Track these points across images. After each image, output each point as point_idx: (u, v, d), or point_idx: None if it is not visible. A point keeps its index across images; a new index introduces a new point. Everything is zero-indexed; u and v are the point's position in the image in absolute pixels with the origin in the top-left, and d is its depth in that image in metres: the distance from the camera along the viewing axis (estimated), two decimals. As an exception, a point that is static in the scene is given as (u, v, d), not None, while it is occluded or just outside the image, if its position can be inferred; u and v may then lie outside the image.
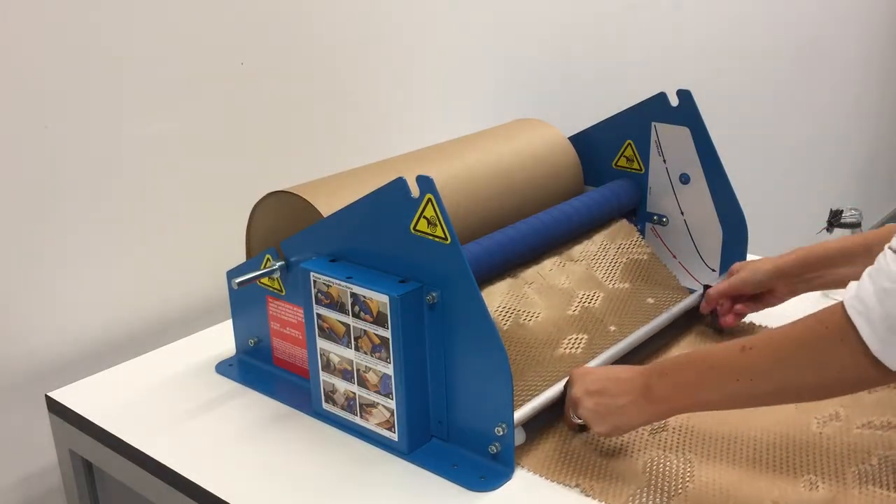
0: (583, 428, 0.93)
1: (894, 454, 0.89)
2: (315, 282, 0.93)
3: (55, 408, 1.05)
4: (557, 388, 0.94)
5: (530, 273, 1.09)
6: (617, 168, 1.26)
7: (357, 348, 0.92)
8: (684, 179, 1.20)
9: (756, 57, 2.52)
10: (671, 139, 1.20)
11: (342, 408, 0.97)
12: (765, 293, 1.10)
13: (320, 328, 0.95)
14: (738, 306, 1.12)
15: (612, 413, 0.86)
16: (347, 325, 0.92)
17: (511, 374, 0.85)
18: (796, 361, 0.76)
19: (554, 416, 0.95)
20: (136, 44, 1.14)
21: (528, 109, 1.68)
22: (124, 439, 0.97)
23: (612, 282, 1.15)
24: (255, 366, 1.10)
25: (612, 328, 1.08)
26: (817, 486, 0.85)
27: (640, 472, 0.88)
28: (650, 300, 1.15)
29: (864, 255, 0.95)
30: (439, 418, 0.93)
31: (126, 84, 1.14)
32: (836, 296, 1.18)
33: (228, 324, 1.14)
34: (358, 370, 0.93)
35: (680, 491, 0.85)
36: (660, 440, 0.93)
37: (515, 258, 1.07)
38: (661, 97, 1.19)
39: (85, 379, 1.09)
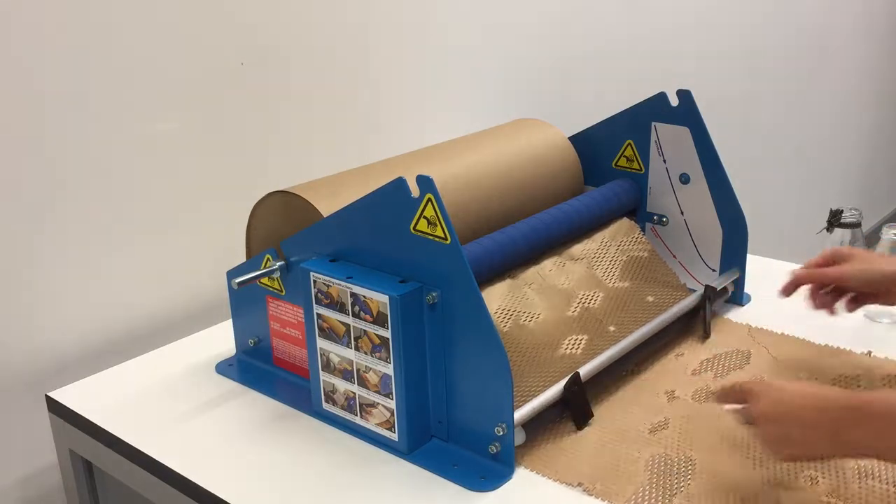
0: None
1: None
2: (315, 282, 0.93)
3: (55, 408, 1.05)
4: (557, 388, 0.94)
5: (530, 273, 1.09)
6: (617, 168, 1.26)
7: (357, 348, 0.92)
8: (684, 179, 1.20)
9: (756, 57, 2.52)
10: (671, 139, 1.20)
11: (342, 408, 0.97)
12: (871, 294, 1.02)
13: (320, 328, 0.95)
14: (848, 302, 1.03)
15: (794, 445, 0.80)
16: (347, 325, 0.92)
17: (511, 374, 0.85)
18: None
19: (554, 416, 0.95)
20: (136, 44, 1.14)
21: (528, 109, 1.68)
22: (124, 439, 0.97)
23: (613, 281, 1.15)
24: (255, 366, 1.10)
25: (612, 328, 1.08)
26: (817, 481, 0.85)
27: (641, 470, 0.88)
28: (650, 298, 1.15)
29: None
30: (439, 418, 0.93)
31: (126, 84, 1.14)
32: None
33: (228, 324, 1.14)
34: (358, 370, 0.93)
35: (682, 488, 0.85)
36: (661, 438, 0.93)
37: (515, 258, 1.07)
38: (661, 97, 1.19)
39: (85, 379, 1.10)
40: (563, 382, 0.95)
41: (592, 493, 0.85)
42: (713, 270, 1.22)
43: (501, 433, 0.87)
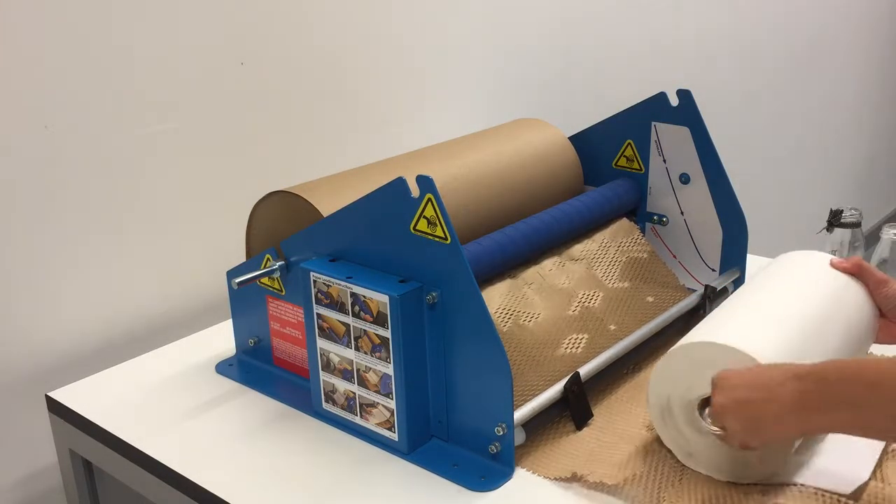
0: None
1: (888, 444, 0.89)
2: (315, 282, 0.93)
3: (55, 408, 1.05)
4: (557, 388, 0.94)
5: (530, 273, 1.09)
6: (617, 168, 1.26)
7: (357, 348, 0.92)
8: (684, 179, 1.20)
9: (756, 57, 2.52)
10: (671, 139, 1.20)
11: (342, 408, 0.97)
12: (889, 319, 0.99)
13: (320, 328, 0.95)
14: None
15: (763, 424, 0.77)
16: (347, 325, 0.92)
17: (511, 374, 0.85)
18: None
19: (554, 416, 0.95)
20: (137, 44, 1.14)
21: (528, 109, 1.68)
22: (124, 439, 0.97)
23: (612, 281, 1.15)
24: (255, 366, 1.10)
25: (613, 327, 1.08)
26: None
27: (640, 464, 0.88)
28: (650, 299, 1.15)
29: None
30: (439, 418, 0.93)
31: (126, 84, 1.14)
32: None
33: (228, 324, 1.14)
34: (358, 370, 0.93)
35: (680, 479, 0.85)
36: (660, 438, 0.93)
37: (515, 258, 1.07)
38: (661, 97, 1.19)
39: (85, 379, 1.09)
40: (563, 382, 0.95)
41: (585, 480, 0.85)
42: (713, 270, 1.22)
43: (501, 433, 0.87)
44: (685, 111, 1.17)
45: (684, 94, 1.17)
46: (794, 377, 0.75)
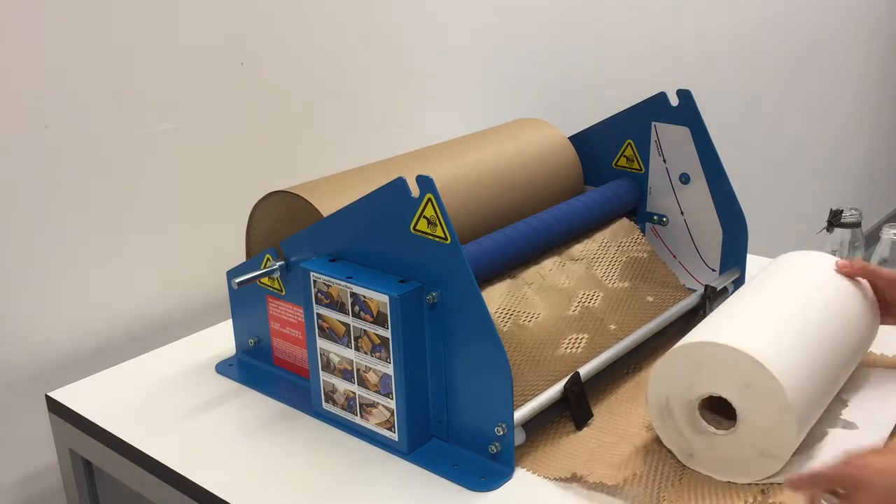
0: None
1: None
2: (315, 282, 0.93)
3: (55, 408, 1.05)
4: (557, 388, 0.94)
5: (530, 273, 1.09)
6: (617, 168, 1.26)
7: (357, 348, 0.92)
8: (684, 179, 1.21)
9: (756, 57, 2.52)
10: (671, 139, 1.20)
11: (342, 408, 0.97)
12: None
13: (320, 328, 0.95)
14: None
15: None
16: (347, 325, 0.92)
17: (511, 374, 0.85)
18: None
19: (554, 416, 0.95)
20: (137, 44, 1.14)
21: (528, 109, 1.68)
22: (124, 439, 0.97)
23: (612, 281, 1.15)
24: (255, 366, 1.10)
25: (613, 327, 1.08)
26: None
27: (640, 463, 0.88)
28: (650, 299, 1.15)
29: None
30: (439, 418, 0.93)
31: (126, 84, 1.14)
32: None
33: (228, 323, 1.14)
34: (358, 370, 0.93)
35: (680, 478, 0.85)
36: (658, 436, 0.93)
37: (515, 258, 1.07)
38: (661, 97, 1.19)
39: (85, 379, 1.09)
40: (563, 382, 0.95)
41: (585, 480, 0.85)
42: (713, 270, 1.22)
43: (501, 433, 0.87)
44: (685, 111, 1.17)
45: (684, 94, 1.17)
46: None
